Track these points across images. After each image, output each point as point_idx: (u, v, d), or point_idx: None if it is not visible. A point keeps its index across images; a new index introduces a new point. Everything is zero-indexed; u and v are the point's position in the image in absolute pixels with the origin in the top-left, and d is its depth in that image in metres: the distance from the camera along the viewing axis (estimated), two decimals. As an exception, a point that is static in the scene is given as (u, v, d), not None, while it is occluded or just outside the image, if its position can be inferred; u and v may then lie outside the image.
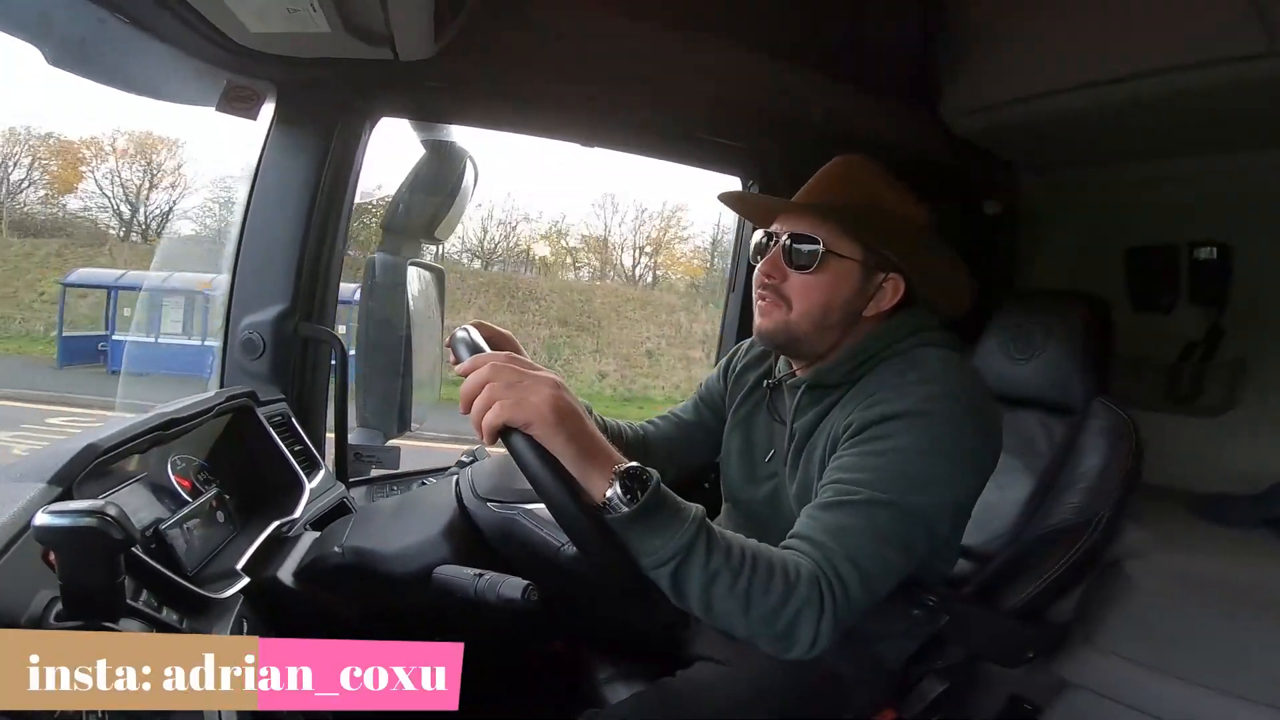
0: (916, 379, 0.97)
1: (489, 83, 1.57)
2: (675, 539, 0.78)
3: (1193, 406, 1.93)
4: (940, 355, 1.02)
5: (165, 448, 1.01)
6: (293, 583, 0.99)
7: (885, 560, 0.86)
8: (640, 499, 0.77)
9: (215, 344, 1.51)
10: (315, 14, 1.14)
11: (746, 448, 1.21)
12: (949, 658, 1.23)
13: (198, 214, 9.23)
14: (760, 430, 1.20)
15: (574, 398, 0.81)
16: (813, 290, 1.04)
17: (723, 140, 1.89)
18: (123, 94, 1.44)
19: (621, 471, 0.78)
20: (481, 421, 0.78)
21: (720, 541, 0.81)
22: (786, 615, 0.80)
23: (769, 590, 0.80)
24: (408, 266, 1.72)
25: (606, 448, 0.81)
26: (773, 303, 1.05)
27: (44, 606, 0.63)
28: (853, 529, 0.86)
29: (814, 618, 0.81)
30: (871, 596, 0.86)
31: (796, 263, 1.03)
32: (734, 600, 0.79)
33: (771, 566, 0.82)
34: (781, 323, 1.05)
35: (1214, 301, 1.92)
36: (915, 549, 0.90)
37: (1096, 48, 1.52)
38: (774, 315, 1.05)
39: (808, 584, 0.82)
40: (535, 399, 0.77)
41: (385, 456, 1.67)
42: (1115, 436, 1.29)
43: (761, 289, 1.06)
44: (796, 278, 1.04)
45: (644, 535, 0.78)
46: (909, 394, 0.94)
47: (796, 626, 0.81)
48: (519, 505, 0.99)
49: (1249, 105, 1.50)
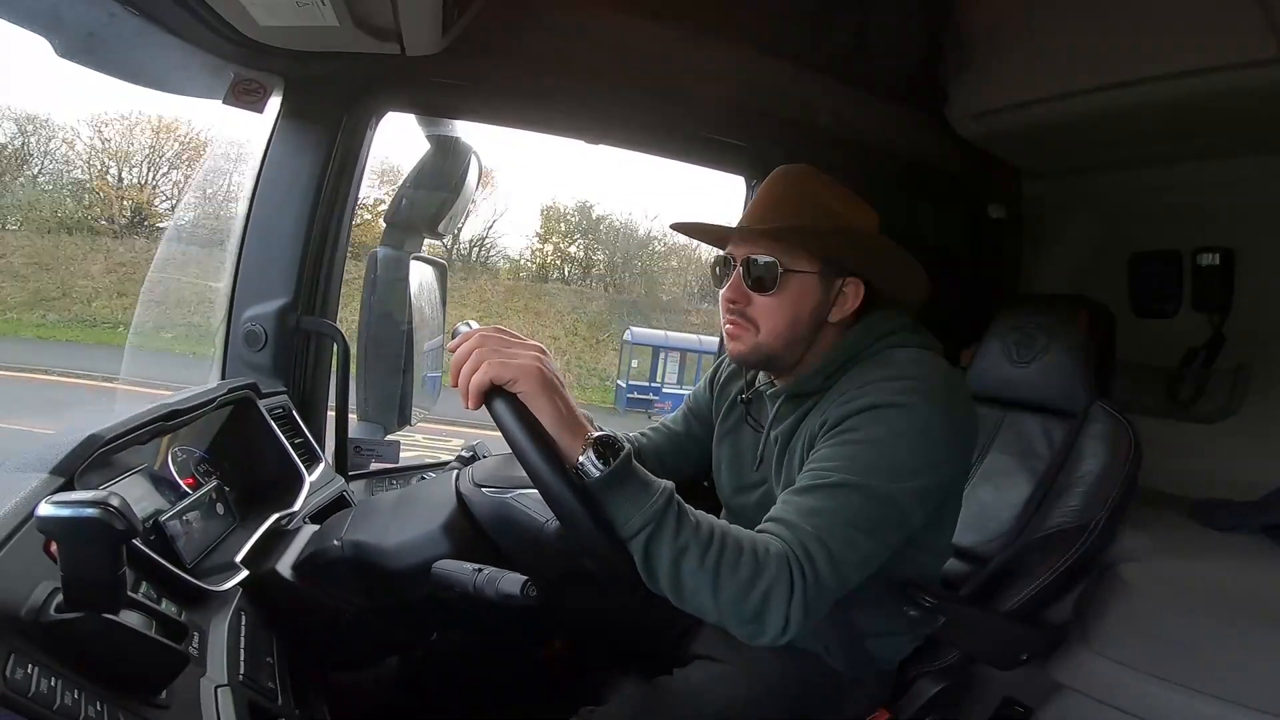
0: (888, 375, 0.98)
1: (495, 79, 1.57)
2: (645, 510, 0.80)
3: (1193, 412, 1.93)
4: (911, 354, 1.04)
5: (166, 439, 1.02)
6: (291, 576, 1.00)
7: (853, 543, 0.87)
8: (611, 465, 0.79)
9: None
10: (324, 8, 1.14)
11: (735, 457, 1.23)
12: (944, 659, 1.24)
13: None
14: (746, 440, 1.22)
15: (556, 368, 0.84)
16: (776, 310, 1.06)
17: (728, 140, 1.89)
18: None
19: (594, 439, 0.80)
20: (469, 384, 0.80)
21: (690, 517, 0.82)
22: (756, 595, 0.81)
23: (738, 567, 0.81)
24: (410, 261, 1.72)
25: (583, 418, 0.84)
26: (741, 326, 1.07)
27: (45, 597, 0.63)
28: (823, 510, 0.88)
29: (784, 598, 0.82)
30: (840, 580, 0.87)
31: (757, 285, 1.05)
32: (703, 576, 0.80)
33: (740, 545, 0.83)
34: (752, 345, 1.07)
35: (1216, 308, 1.92)
36: (886, 536, 0.91)
37: (1102, 53, 1.52)
38: (744, 339, 1.08)
39: (776, 562, 0.83)
40: (520, 360, 0.80)
41: (385, 451, 1.68)
42: (1114, 441, 1.29)
43: (728, 314, 1.08)
44: (760, 299, 1.06)
45: (615, 505, 0.80)
46: (881, 388, 0.96)
47: (766, 608, 0.81)
48: (512, 490, 0.99)
49: (1256, 110, 1.50)
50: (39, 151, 14.67)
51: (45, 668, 0.59)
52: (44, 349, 12.54)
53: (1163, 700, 1.17)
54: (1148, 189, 2.01)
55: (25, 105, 13.71)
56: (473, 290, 15.65)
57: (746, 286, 1.06)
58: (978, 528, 1.44)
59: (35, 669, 0.58)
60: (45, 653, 0.60)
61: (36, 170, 14.75)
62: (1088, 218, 2.17)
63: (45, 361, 11.55)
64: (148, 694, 0.68)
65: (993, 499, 1.46)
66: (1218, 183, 1.86)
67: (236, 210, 1.49)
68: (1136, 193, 2.05)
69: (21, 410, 7.97)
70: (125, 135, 15.66)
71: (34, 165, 14.62)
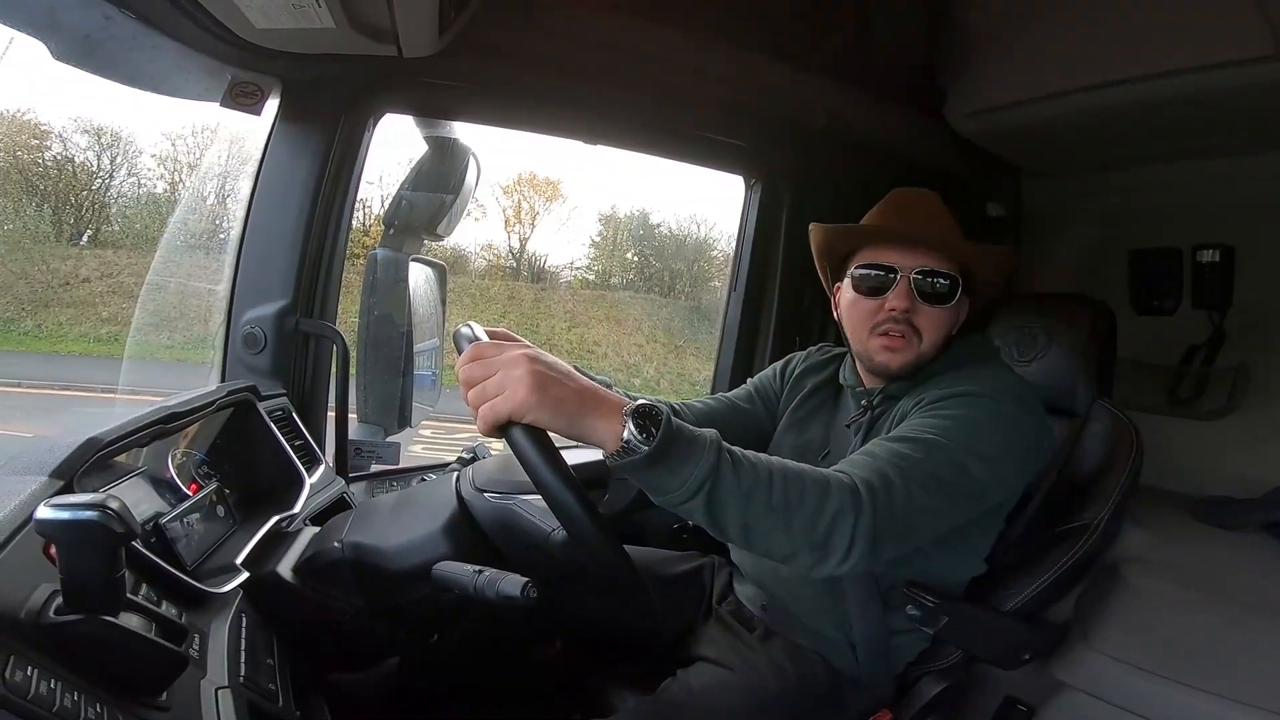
0: (986, 373, 1.05)
1: (493, 80, 1.57)
2: (700, 465, 0.76)
3: (1194, 410, 1.92)
4: (1005, 369, 1.13)
5: (166, 442, 1.02)
6: (292, 578, 1.00)
7: (929, 489, 0.88)
8: (657, 434, 0.75)
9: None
10: (320, 10, 1.14)
11: (802, 446, 1.24)
12: (946, 659, 1.23)
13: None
14: (817, 431, 1.25)
15: (552, 361, 0.79)
16: (943, 322, 1.12)
17: (727, 140, 1.89)
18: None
19: (633, 410, 0.76)
20: (479, 423, 0.78)
21: (745, 460, 0.80)
22: (824, 520, 0.80)
23: (804, 497, 0.80)
24: (410, 262, 1.72)
25: (604, 396, 0.79)
26: (905, 336, 1.11)
27: (44, 600, 0.63)
28: (909, 456, 0.90)
29: (850, 521, 0.80)
30: (908, 518, 0.85)
31: (933, 297, 1.10)
32: (774, 517, 0.79)
33: (802, 474, 0.81)
34: (916, 353, 1.11)
35: (1216, 305, 1.91)
36: (960, 501, 0.92)
37: (1100, 51, 1.52)
38: (908, 348, 1.11)
39: (841, 489, 0.82)
40: (510, 389, 0.75)
41: (385, 452, 1.68)
42: (1116, 439, 1.29)
43: (892, 323, 1.11)
44: (930, 310, 1.10)
45: (670, 469, 0.76)
46: (977, 379, 1.02)
47: (835, 530, 0.80)
48: (515, 495, 0.99)
49: (1254, 108, 1.50)
50: (122, 165, 14.33)
51: (45, 670, 0.59)
52: (168, 370, 12.32)
53: (1165, 698, 1.17)
54: (1147, 186, 2.01)
55: (104, 118, 13.34)
56: (555, 302, 15.62)
57: (918, 296, 1.10)
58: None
59: (35, 671, 0.57)
60: (45, 655, 0.60)
61: (123, 183, 14.41)
62: (1087, 216, 2.17)
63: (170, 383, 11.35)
64: (148, 696, 0.68)
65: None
66: (1217, 180, 1.86)
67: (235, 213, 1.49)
68: (1135, 190, 2.05)
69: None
70: (197, 148, 15.34)
71: (119, 179, 14.30)
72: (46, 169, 12.77)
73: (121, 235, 13.22)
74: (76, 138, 13.10)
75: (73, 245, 12.74)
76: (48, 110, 15.08)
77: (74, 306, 11.83)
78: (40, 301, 11.85)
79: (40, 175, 12.69)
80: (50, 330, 11.59)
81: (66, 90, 14.73)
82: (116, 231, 13.33)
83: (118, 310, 11.45)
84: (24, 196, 12.48)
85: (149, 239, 13.23)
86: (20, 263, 12.15)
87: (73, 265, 12.33)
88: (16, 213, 12.42)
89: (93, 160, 13.17)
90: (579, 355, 13.89)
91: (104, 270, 12.35)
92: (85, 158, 13.09)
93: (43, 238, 12.50)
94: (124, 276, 12.35)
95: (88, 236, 13.07)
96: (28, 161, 12.56)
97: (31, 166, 12.61)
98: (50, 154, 12.85)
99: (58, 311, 11.78)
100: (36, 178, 12.64)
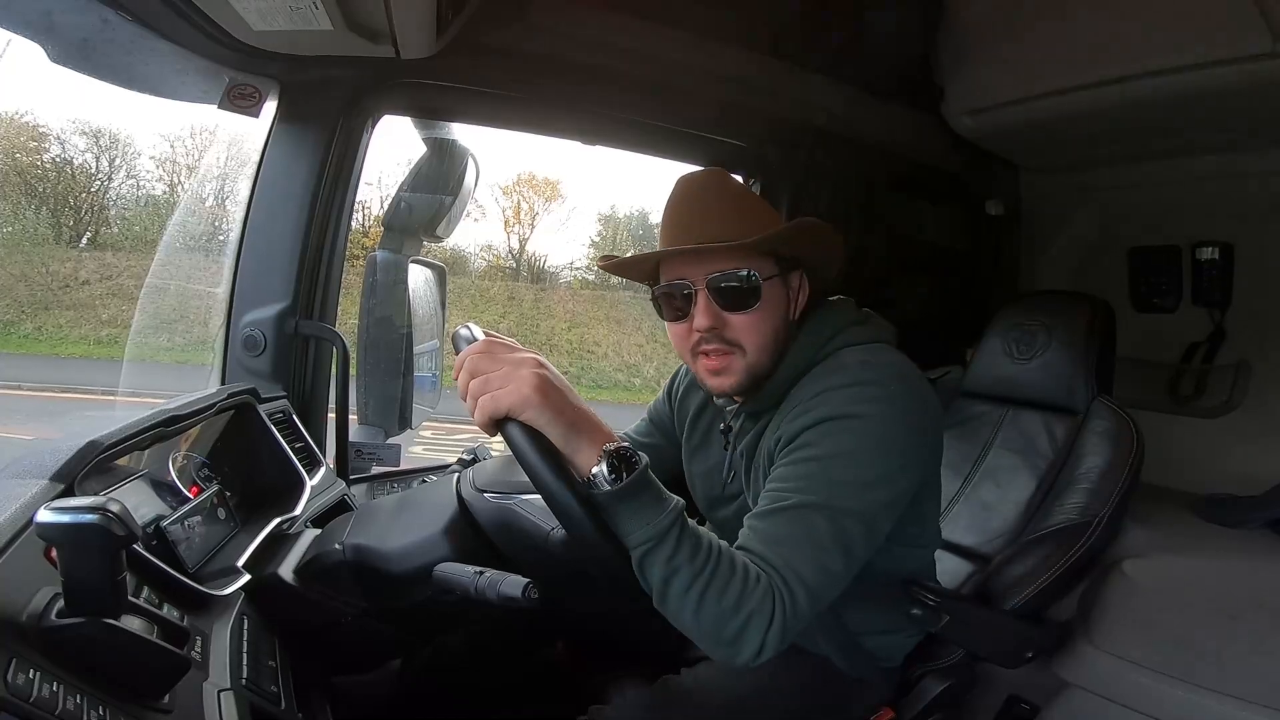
0: (839, 383, 0.94)
1: (491, 81, 1.56)
2: (648, 527, 0.78)
3: (1194, 407, 1.93)
4: (862, 354, 0.99)
5: (167, 444, 1.02)
6: (293, 580, 0.99)
7: (825, 568, 0.85)
8: (624, 480, 0.77)
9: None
10: (317, 12, 1.14)
11: (707, 472, 1.20)
12: (948, 658, 1.23)
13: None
14: (715, 453, 1.19)
15: (559, 375, 0.81)
16: (759, 324, 0.99)
17: (726, 140, 1.89)
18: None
19: (611, 450, 0.78)
20: (477, 417, 0.79)
21: (690, 539, 0.80)
22: (737, 621, 0.80)
23: (724, 594, 0.80)
24: (409, 264, 1.72)
25: (597, 423, 0.80)
26: (724, 354, 1.00)
27: (46, 603, 0.63)
28: (789, 538, 0.85)
29: (763, 626, 0.80)
30: (816, 604, 0.85)
31: (734, 304, 0.98)
32: (688, 599, 0.80)
33: (733, 572, 0.81)
34: (743, 369, 1.00)
35: (1216, 302, 1.92)
36: (855, 551, 0.88)
37: (1099, 49, 1.52)
38: (732, 367, 1.00)
39: (762, 593, 0.81)
40: (515, 385, 0.77)
41: (386, 454, 1.68)
42: (1116, 437, 1.29)
43: (705, 344, 1.00)
44: (737, 318, 0.99)
45: (621, 517, 0.78)
46: (833, 399, 0.92)
47: (745, 633, 0.80)
48: (515, 495, 0.99)
49: (1252, 106, 1.50)
50: (120, 167, 14.20)
51: (47, 673, 0.58)
52: (168, 372, 12.30)
53: (1167, 696, 1.17)
54: (1146, 184, 2.01)
55: (103, 120, 13.22)
56: (555, 302, 15.60)
57: (719, 308, 0.98)
58: (981, 526, 1.44)
59: (37, 674, 0.57)
60: (47, 658, 0.60)
61: (122, 185, 14.29)
62: (1086, 213, 2.17)
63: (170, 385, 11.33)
64: (150, 698, 0.68)
65: (995, 497, 1.45)
66: (1216, 177, 1.86)
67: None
68: (1135, 188, 2.05)
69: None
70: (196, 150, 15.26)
71: (118, 182, 14.18)
72: (45, 171, 12.76)
73: (121, 238, 13.20)
74: (75, 140, 13.08)
75: (72, 248, 12.72)
76: (46, 112, 15.06)
77: (74, 309, 11.82)
78: (40, 304, 11.84)
79: (39, 178, 12.67)
80: (50, 333, 11.59)
81: (65, 92, 14.68)
82: (116, 234, 13.30)
83: (117, 313, 11.45)
84: (23, 199, 12.46)
85: (148, 241, 13.16)
86: (20, 265, 12.14)
87: (72, 268, 12.32)
88: (16, 215, 12.40)
89: (92, 162, 13.16)
90: (579, 355, 13.88)
91: (103, 273, 12.33)
92: (84, 160, 13.09)
93: (42, 240, 12.48)
94: (123, 279, 12.32)
95: (87, 239, 13.04)
96: (27, 164, 12.54)
97: (30, 169, 12.59)
98: (49, 156, 12.84)
99: (58, 314, 11.77)
100: (35, 180, 12.62)
